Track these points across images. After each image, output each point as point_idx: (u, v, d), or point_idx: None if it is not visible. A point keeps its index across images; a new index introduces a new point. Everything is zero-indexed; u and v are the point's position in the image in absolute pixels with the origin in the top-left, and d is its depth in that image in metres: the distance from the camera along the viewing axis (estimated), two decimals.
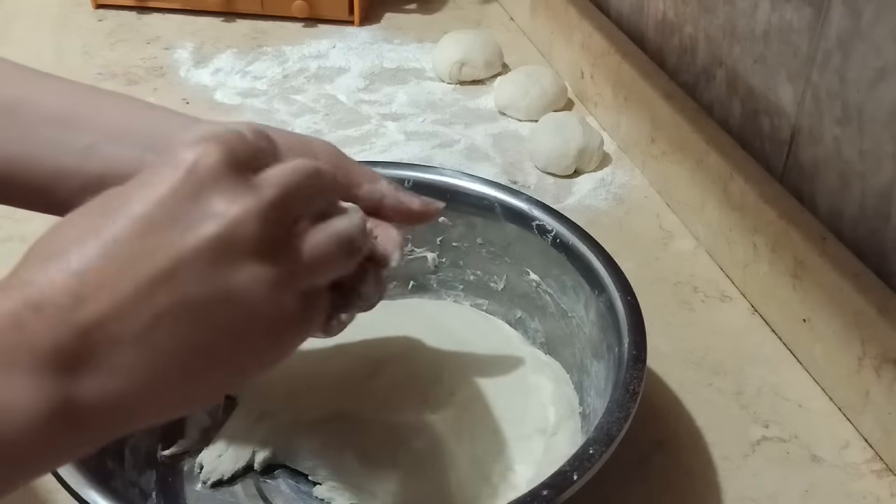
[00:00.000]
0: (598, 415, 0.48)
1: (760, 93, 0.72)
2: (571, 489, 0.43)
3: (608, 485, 0.53)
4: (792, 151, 0.69)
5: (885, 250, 0.61)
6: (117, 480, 0.50)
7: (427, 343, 0.60)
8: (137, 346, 0.31)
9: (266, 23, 1.10)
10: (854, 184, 0.63)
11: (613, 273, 0.56)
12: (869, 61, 0.59)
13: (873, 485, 0.57)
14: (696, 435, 0.60)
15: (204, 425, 0.57)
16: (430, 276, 0.66)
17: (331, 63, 1.03)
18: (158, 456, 0.55)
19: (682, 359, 0.65)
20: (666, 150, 0.80)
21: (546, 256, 0.60)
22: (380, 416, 0.55)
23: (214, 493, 0.54)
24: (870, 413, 0.59)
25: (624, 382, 0.48)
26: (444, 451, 0.53)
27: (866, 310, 0.57)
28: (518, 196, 0.62)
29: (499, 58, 1.00)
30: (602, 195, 0.82)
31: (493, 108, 0.95)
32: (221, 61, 1.02)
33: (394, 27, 1.11)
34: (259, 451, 0.55)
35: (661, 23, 0.86)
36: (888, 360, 0.56)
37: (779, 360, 0.66)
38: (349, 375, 0.58)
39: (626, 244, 0.74)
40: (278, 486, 0.55)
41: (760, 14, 0.71)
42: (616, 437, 0.45)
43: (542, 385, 0.58)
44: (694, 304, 0.70)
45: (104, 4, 1.11)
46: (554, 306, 0.61)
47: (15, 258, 0.32)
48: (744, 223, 0.70)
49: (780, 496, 0.56)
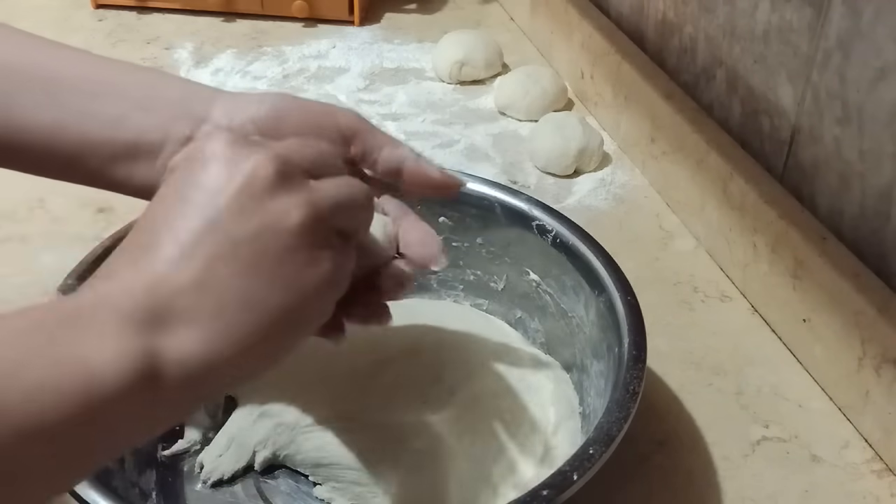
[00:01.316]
0: (598, 415, 0.48)
1: (760, 93, 0.72)
2: (571, 489, 0.43)
3: (608, 485, 0.53)
4: (792, 151, 0.69)
5: (885, 250, 0.61)
6: (117, 480, 0.50)
7: (427, 343, 0.60)
8: (200, 289, 0.34)
9: (266, 23, 1.10)
10: (854, 184, 0.63)
11: (613, 273, 0.56)
12: (869, 61, 0.59)
13: (873, 485, 0.57)
14: (696, 435, 0.60)
15: (204, 425, 0.57)
16: (430, 276, 0.66)
17: (331, 63, 1.03)
18: (158, 456, 0.55)
19: (682, 359, 0.65)
20: (666, 150, 0.80)
21: (546, 256, 0.60)
22: (380, 416, 0.55)
23: (214, 493, 0.54)
24: (870, 413, 0.59)
25: (624, 382, 0.48)
26: (444, 451, 0.53)
27: (866, 310, 0.57)
28: (518, 196, 0.62)
29: (499, 58, 1.00)
30: (602, 195, 0.82)
31: (493, 108, 0.95)
32: (221, 61, 1.02)
33: (394, 27, 1.11)
34: (259, 451, 0.55)
35: (661, 23, 0.86)
36: (888, 360, 0.56)
37: (779, 360, 0.66)
38: (349, 375, 0.58)
39: (626, 244, 0.74)
40: (278, 486, 0.55)
41: (760, 14, 0.71)
42: (616, 437, 0.45)
43: (542, 385, 0.58)
44: (694, 304, 0.70)
45: (104, 4, 1.11)
46: (554, 306, 0.61)
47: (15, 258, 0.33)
48: (744, 223, 0.70)
49: (780, 496, 0.56)
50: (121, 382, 0.30)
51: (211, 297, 0.34)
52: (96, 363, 0.30)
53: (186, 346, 0.33)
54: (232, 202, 0.35)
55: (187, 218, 0.35)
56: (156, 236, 0.35)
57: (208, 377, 0.34)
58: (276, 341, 0.37)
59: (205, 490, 0.54)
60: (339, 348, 0.47)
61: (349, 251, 0.40)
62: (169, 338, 0.32)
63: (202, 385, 0.34)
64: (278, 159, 0.37)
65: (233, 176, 0.36)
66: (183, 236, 0.35)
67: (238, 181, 0.36)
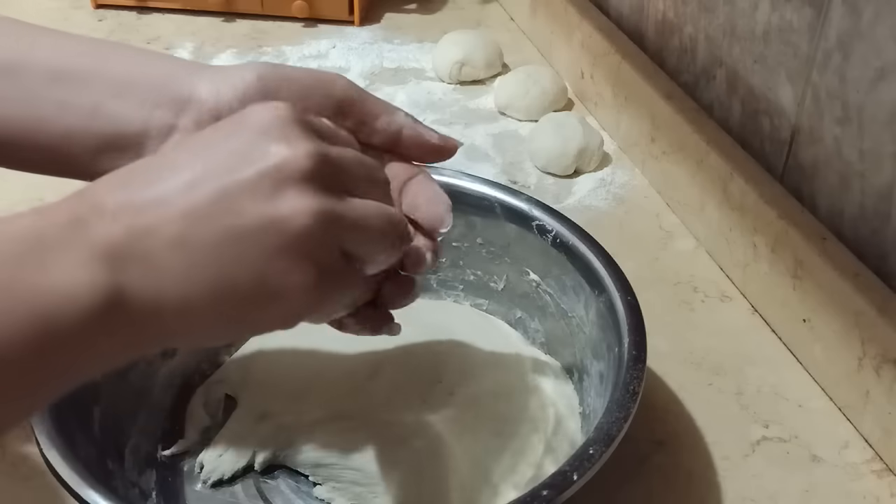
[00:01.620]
0: (598, 415, 0.48)
1: (760, 93, 0.72)
2: (571, 489, 0.43)
3: (608, 485, 0.53)
4: (792, 151, 0.69)
5: (885, 250, 0.61)
6: (117, 480, 0.50)
7: (427, 343, 0.60)
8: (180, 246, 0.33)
9: (266, 23, 1.10)
10: (854, 184, 0.63)
11: (613, 273, 0.56)
12: (869, 61, 0.59)
13: (873, 485, 0.57)
14: (696, 435, 0.60)
15: (204, 425, 0.57)
16: (430, 276, 0.66)
17: (331, 63, 1.03)
18: (158, 456, 0.55)
19: (682, 359, 0.65)
20: (666, 150, 0.80)
21: (546, 256, 0.60)
22: (380, 416, 0.55)
23: (214, 493, 0.54)
24: (870, 413, 0.59)
25: (624, 382, 0.48)
26: (444, 451, 0.53)
27: (866, 310, 0.57)
28: (518, 196, 0.62)
29: (499, 58, 1.00)
30: (602, 195, 0.82)
31: (493, 108, 0.95)
32: (221, 61, 1.02)
33: (394, 27, 1.11)
34: (259, 451, 0.55)
35: (661, 23, 0.86)
36: (888, 360, 0.56)
37: (779, 360, 0.66)
38: (349, 375, 0.58)
39: (626, 244, 0.74)
40: (278, 486, 0.55)
41: (760, 14, 0.70)
42: (616, 437, 0.45)
43: (542, 385, 0.58)
44: (694, 304, 0.70)
45: (104, 4, 1.11)
46: (554, 306, 0.61)
47: None
48: (744, 223, 0.70)
49: (780, 496, 0.56)
50: (82, 313, 0.30)
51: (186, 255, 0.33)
52: (60, 290, 0.30)
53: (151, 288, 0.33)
54: (252, 181, 0.34)
55: (203, 179, 0.34)
56: (160, 181, 0.34)
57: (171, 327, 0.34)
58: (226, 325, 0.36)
59: (205, 490, 0.54)
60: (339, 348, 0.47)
61: (349, 277, 0.38)
62: (135, 279, 0.32)
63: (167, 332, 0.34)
64: (319, 159, 0.36)
65: (266, 155, 0.35)
66: (192, 194, 0.34)
67: (268, 164, 0.34)
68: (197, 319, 0.34)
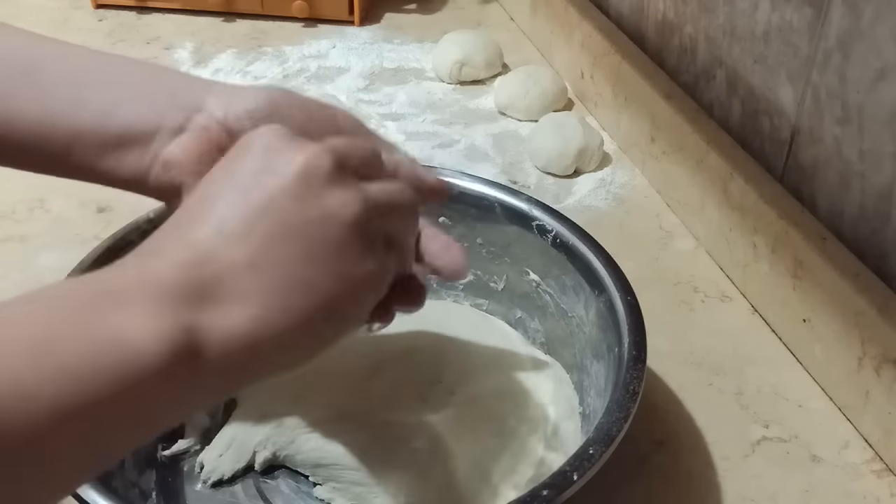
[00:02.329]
0: (598, 415, 0.48)
1: (760, 93, 0.72)
2: (571, 489, 0.43)
3: (608, 485, 0.53)
4: (792, 151, 0.69)
5: (885, 250, 0.61)
6: (117, 480, 0.50)
7: (427, 343, 0.60)
8: (253, 268, 0.34)
9: (266, 23, 1.10)
10: (854, 184, 0.63)
11: (613, 273, 0.56)
12: (869, 61, 0.59)
13: (873, 485, 0.57)
14: (696, 435, 0.60)
15: (204, 425, 0.57)
16: (430, 276, 0.66)
17: (331, 63, 1.03)
18: (158, 456, 0.55)
19: (682, 359, 0.65)
20: (666, 150, 0.80)
21: (546, 256, 0.60)
22: (380, 416, 0.55)
23: (214, 493, 0.54)
24: (870, 413, 0.59)
25: (624, 382, 0.48)
26: (444, 451, 0.53)
27: (866, 310, 0.57)
28: (518, 196, 0.62)
29: (499, 58, 1.00)
30: (602, 195, 0.82)
31: (493, 108, 0.95)
32: (221, 61, 1.02)
33: (394, 27, 1.11)
34: (259, 451, 0.55)
35: (661, 23, 0.86)
36: (888, 360, 0.56)
37: (779, 360, 0.66)
38: (349, 375, 0.58)
39: (626, 244, 0.74)
40: (278, 486, 0.55)
41: (760, 14, 0.71)
42: (616, 437, 0.45)
43: (542, 385, 0.58)
44: (694, 304, 0.70)
45: (104, 4, 1.11)
46: (554, 306, 0.61)
47: (15, 258, 0.33)
48: (744, 223, 0.70)
49: (780, 496, 0.56)
50: (160, 360, 0.30)
51: (263, 276, 0.34)
52: (135, 339, 0.30)
53: (232, 323, 0.33)
54: (289, 188, 0.35)
55: (241, 199, 0.35)
56: (207, 214, 0.35)
57: (249, 359, 0.34)
58: (320, 331, 0.37)
59: (205, 490, 0.54)
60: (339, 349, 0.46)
61: (392, 257, 0.40)
62: (213, 315, 0.32)
63: (241, 367, 0.34)
64: (335, 153, 0.37)
65: (289, 163, 0.36)
66: (236, 215, 0.35)
67: (295, 169, 0.36)
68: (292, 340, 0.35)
